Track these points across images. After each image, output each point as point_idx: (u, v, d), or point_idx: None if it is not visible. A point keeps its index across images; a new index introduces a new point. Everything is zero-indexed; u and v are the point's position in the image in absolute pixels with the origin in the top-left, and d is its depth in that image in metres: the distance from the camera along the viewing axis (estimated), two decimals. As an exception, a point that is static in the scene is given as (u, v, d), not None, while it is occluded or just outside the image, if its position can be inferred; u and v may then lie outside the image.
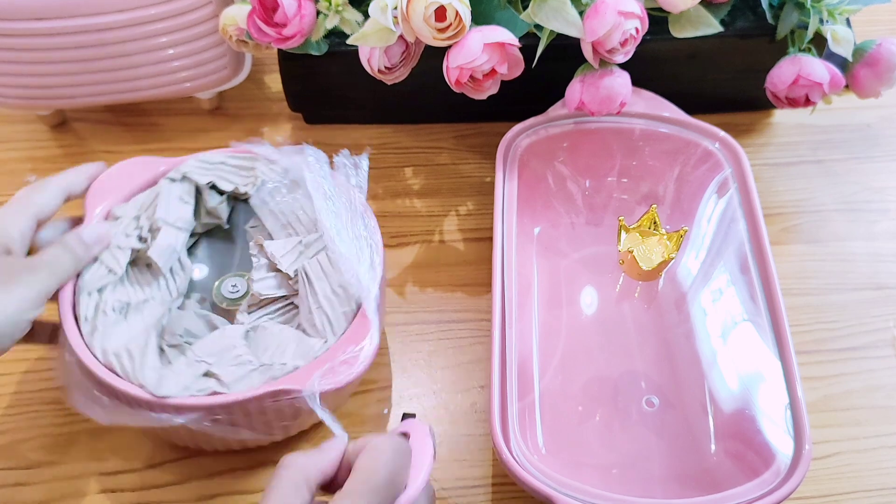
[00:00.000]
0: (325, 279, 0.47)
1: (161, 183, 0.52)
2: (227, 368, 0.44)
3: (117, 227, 0.49)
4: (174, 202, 0.51)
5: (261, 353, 0.45)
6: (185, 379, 0.43)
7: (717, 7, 0.57)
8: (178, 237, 0.50)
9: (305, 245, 0.49)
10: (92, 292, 0.46)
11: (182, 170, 0.52)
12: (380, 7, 0.50)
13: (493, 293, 0.50)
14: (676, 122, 0.59)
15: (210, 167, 0.52)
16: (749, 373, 0.49)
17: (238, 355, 0.44)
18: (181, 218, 0.51)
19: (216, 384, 0.43)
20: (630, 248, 0.54)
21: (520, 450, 0.44)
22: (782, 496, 0.42)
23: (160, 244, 0.49)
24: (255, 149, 0.53)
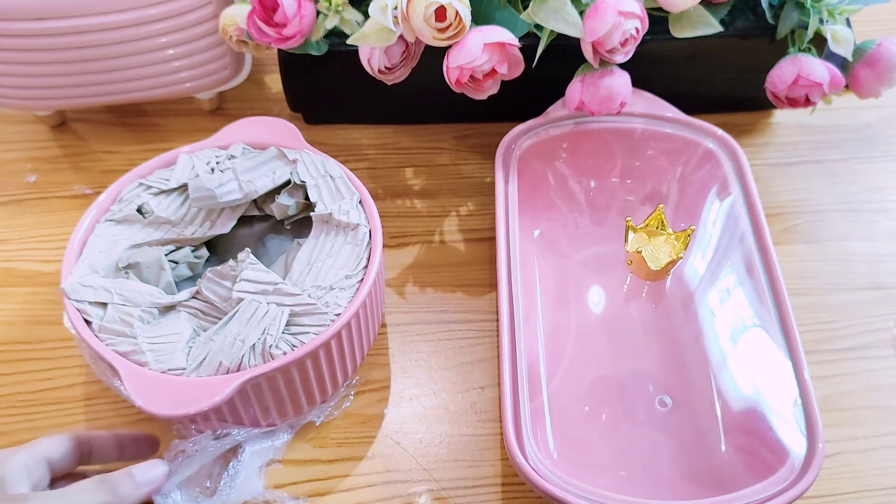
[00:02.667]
0: (243, 325, 0.45)
1: (270, 149, 0.53)
2: (115, 316, 0.45)
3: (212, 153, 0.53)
4: (263, 170, 0.52)
5: (152, 330, 0.45)
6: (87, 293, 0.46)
7: (717, 7, 0.57)
8: (231, 192, 0.51)
9: (277, 290, 0.46)
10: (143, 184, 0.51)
11: (298, 155, 0.52)
12: (380, 7, 0.50)
13: (499, 294, 0.50)
14: (676, 121, 0.59)
15: (320, 174, 0.52)
16: (758, 371, 0.49)
17: (130, 315, 0.45)
18: (251, 184, 0.51)
19: (97, 318, 0.45)
20: (638, 248, 0.54)
21: (533, 453, 0.44)
22: (797, 493, 0.42)
23: (203, 180, 0.50)
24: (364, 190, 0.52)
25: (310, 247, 0.49)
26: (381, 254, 0.49)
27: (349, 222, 0.49)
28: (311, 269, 0.48)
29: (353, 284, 0.47)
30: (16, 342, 0.54)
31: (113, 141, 0.66)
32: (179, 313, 0.47)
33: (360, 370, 0.53)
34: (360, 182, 0.52)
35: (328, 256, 0.49)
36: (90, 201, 0.62)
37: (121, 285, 0.47)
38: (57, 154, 0.65)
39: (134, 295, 0.46)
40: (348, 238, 0.49)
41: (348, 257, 0.48)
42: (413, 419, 0.51)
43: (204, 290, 0.47)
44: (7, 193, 0.63)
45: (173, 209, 0.51)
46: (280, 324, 0.45)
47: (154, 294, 0.47)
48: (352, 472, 0.49)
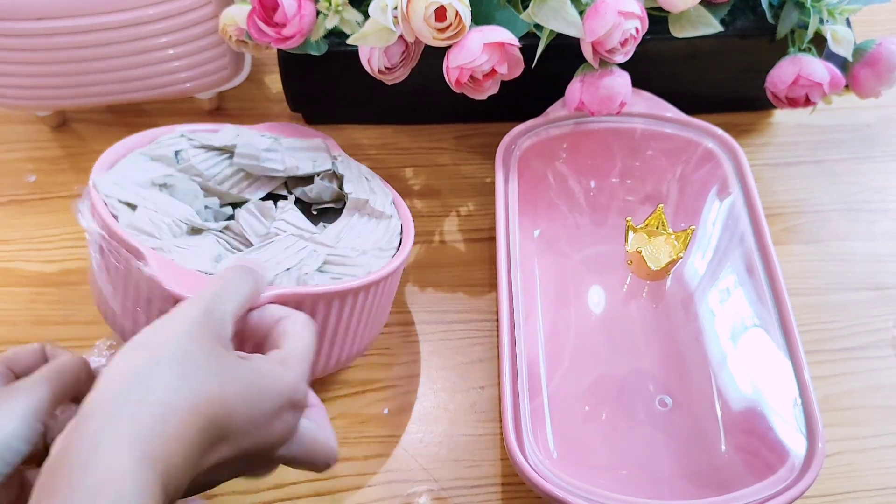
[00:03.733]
0: (280, 252, 0.45)
1: (317, 139, 0.54)
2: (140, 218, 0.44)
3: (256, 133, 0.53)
4: (306, 155, 0.52)
5: (179, 242, 0.44)
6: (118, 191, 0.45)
7: (717, 7, 0.57)
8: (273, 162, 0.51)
9: (312, 237, 0.46)
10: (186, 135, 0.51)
11: (337, 152, 0.54)
12: (380, 7, 0.50)
13: (499, 294, 0.50)
14: (676, 121, 0.59)
15: (357, 174, 0.53)
16: (758, 371, 0.49)
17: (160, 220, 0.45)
18: (293, 165, 0.52)
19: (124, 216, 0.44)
20: (638, 248, 0.54)
21: (533, 454, 0.44)
22: (797, 493, 0.42)
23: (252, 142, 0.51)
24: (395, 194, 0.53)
25: (340, 224, 0.49)
26: (412, 241, 0.50)
27: (383, 211, 0.50)
28: (341, 240, 0.48)
29: (386, 256, 0.47)
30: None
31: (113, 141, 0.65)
32: (208, 236, 0.46)
33: (360, 370, 0.53)
34: (392, 188, 0.54)
35: (358, 236, 0.48)
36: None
37: (154, 196, 0.46)
38: (57, 154, 0.65)
39: (167, 205, 0.45)
40: (380, 225, 0.50)
41: (381, 237, 0.49)
42: (413, 419, 0.51)
43: (241, 221, 0.47)
44: (7, 194, 0.63)
45: (209, 165, 0.51)
46: (316, 260, 0.44)
47: (187, 212, 0.46)
48: (351, 472, 0.49)
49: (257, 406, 0.33)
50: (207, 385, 0.31)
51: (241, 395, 0.32)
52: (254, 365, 0.34)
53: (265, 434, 0.33)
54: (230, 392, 0.32)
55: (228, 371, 0.32)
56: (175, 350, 0.32)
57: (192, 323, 0.33)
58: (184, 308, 0.34)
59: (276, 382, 0.34)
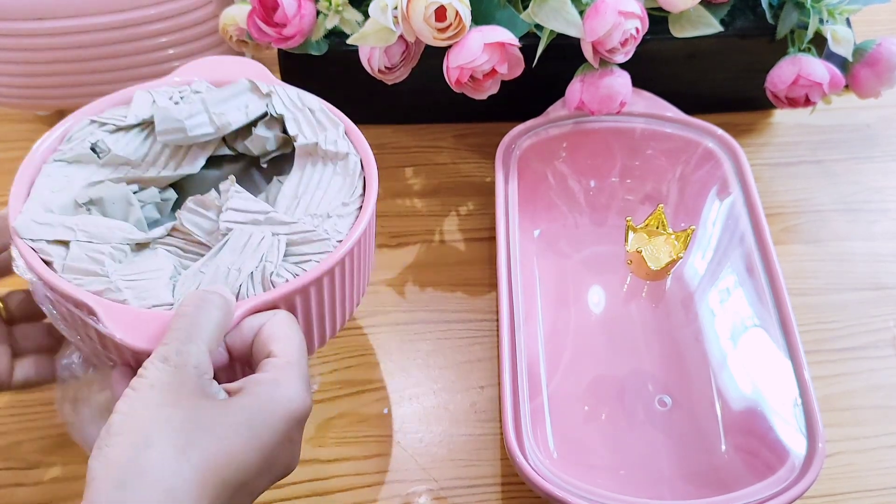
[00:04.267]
0: (236, 254, 0.40)
1: (241, 81, 0.47)
2: (81, 254, 0.39)
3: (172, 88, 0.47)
4: (235, 103, 0.46)
5: (126, 268, 0.40)
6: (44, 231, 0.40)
7: (717, 7, 0.57)
8: (200, 126, 0.45)
9: (268, 219, 0.41)
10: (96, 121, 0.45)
11: (273, 88, 0.47)
12: (380, 7, 0.50)
13: (499, 294, 0.50)
14: (676, 121, 0.59)
15: (298, 107, 0.47)
16: (758, 371, 0.49)
17: (101, 252, 0.40)
18: (223, 116, 0.46)
19: (59, 258, 0.39)
20: (638, 247, 0.54)
21: (533, 454, 0.44)
22: (797, 493, 0.42)
23: (170, 109, 0.45)
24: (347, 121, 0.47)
25: (294, 180, 0.44)
26: (377, 182, 0.45)
27: (337, 151, 0.45)
28: (300, 201, 0.43)
29: (351, 212, 0.43)
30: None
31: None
32: (156, 250, 0.41)
33: (360, 370, 0.53)
34: (342, 113, 0.48)
35: (317, 189, 0.44)
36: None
37: (84, 221, 0.41)
38: (57, 154, 0.65)
39: (101, 231, 0.40)
40: (338, 168, 0.45)
41: (341, 187, 0.44)
42: (413, 419, 0.51)
43: (184, 223, 0.42)
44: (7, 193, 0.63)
45: (133, 147, 0.45)
46: (279, 251, 0.40)
47: (125, 229, 0.41)
48: (351, 472, 0.49)
49: (265, 445, 0.31)
50: (207, 451, 0.30)
51: (245, 443, 0.31)
52: (247, 402, 0.32)
53: (279, 465, 0.33)
54: (233, 446, 0.30)
55: (223, 423, 0.31)
56: (159, 425, 0.30)
57: (166, 387, 0.31)
58: (151, 371, 0.32)
59: (275, 408, 0.32)
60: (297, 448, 0.34)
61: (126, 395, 0.31)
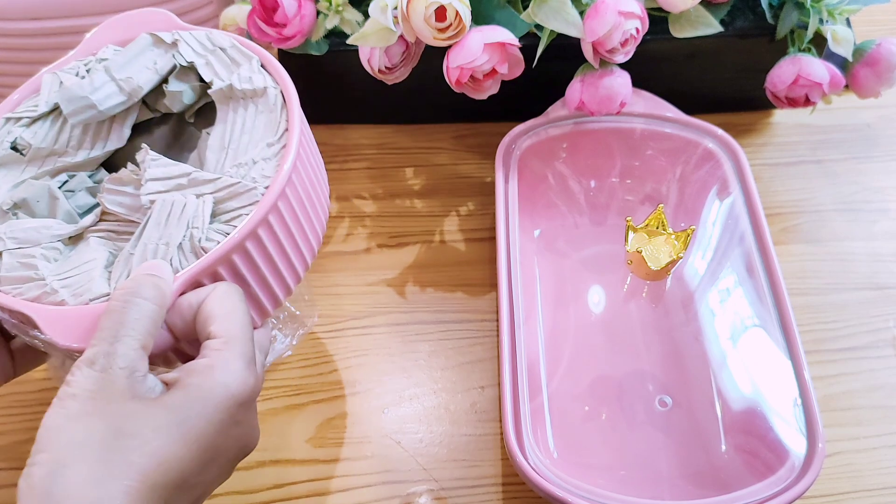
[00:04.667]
0: (162, 227, 0.38)
1: (141, 37, 0.44)
2: (14, 261, 0.38)
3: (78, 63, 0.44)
4: (142, 63, 0.43)
5: (61, 266, 0.38)
6: None
7: (716, 7, 0.57)
8: (111, 97, 0.42)
9: (191, 181, 0.39)
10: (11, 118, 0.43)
11: (179, 36, 0.44)
12: (380, 7, 0.50)
13: (499, 294, 0.50)
14: (676, 121, 0.59)
15: (208, 49, 0.44)
16: (758, 371, 0.49)
17: (31, 255, 0.38)
18: (131, 80, 0.43)
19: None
20: (638, 248, 0.54)
21: (533, 454, 0.44)
22: (797, 493, 0.42)
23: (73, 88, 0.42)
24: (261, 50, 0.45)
25: (219, 131, 0.42)
26: (299, 113, 0.42)
27: (254, 88, 0.42)
28: (228, 153, 0.41)
29: (276, 152, 0.41)
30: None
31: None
32: (88, 241, 0.40)
33: (359, 370, 0.53)
34: (257, 46, 0.45)
35: (242, 134, 0.42)
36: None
37: (11, 228, 0.39)
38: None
39: (28, 234, 0.39)
40: (259, 107, 0.42)
41: (265, 127, 0.42)
42: (413, 419, 0.51)
43: (107, 205, 0.40)
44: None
45: (52, 136, 0.43)
46: (204, 214, 0.38)
47: (52, 226, 0.40)
48: (351, 472, 0.49)
49: (200, 438, 0.30)
50: (132, 459, 0.29)
51: (175, 442, 0.30)
52: (177, 399, 0.31)
53: (227, 452, 0.32)
54: (161, 448, 0.29)
55: (150, 426, 0.30)
56: (77, 444, 0.29)
57: (89, 395, 0.30)
58: (77, 378, 0.31)
59: (209, 396, 0.31)
60: (248, 429, 0.33)
61: (52, 406, 0.31)
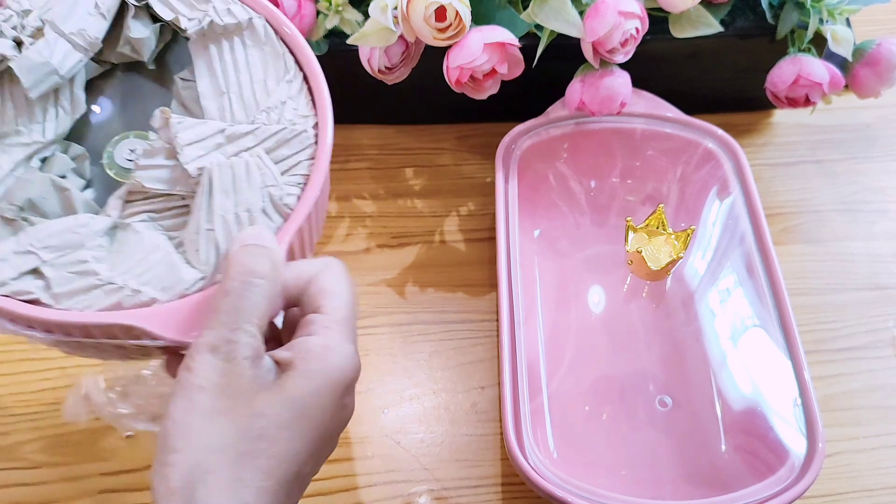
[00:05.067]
0: (232, 194, 0.35)
1: None
2: (63, 273, 0.33)
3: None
4: (83, 8, 0.37)
5: (118, 263, 0.34)
6: (2, 270, 0.33)
7: (717, 7, 0.57)
8: (67, 56, 0.37)
9: (229, 137, 0.36)
10: None
11: None
12: (380, 7, 0.50)
13: (499, 294, 0.50)
14: (676, 121, 0.59)
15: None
16: (758, 371, 0.49)
17: (83, 260, 0.34)
18: (85, 33, 0.37)
19: (40, 290, 0.33)
20: (638, 248, 0.54)
21: (533, 454, 0.44)
22: (797, 493, 0.42)
23: (32, 56, 0.36)
24: None
25: (205, 75, 0.38)
26: (303, 40, 0.40)
27: (238, 21, 0.38)
28: (230, 98, 0.37)
29: (298, 86, 0.38)
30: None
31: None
32: (133, 228, 0.35)
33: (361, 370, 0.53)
34: None
35: (239, 73, 0.38)
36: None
37: (35, 237, 0.34)
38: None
39: (64, 237, 0.34)
40: (248, 41, 0.38)
41: (264, 62, 0.38)
42: (413, 419, 0.51)
43: (146, 183, 0.36)
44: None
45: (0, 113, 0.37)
46: (271, 168, 0.36)
47: (88, 223, 0.35)
48: (352, 472, 0.49)
49: (318, 428, 0.31)
50: (262, 462, 0.29)
51: (302, 436, 0.30)
52: (304, 384, 0.31)
53: (333, 436, 0.32)
54: (288, 444, 0.30)
55: (279, 422, 0.30)
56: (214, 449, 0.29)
57: (217, 390, 0.30)
58: (200, 366, 0.30)
59: (327, 381, 0.31)
60: (350, 408, 0.33)
61: (177, 397, 0.30)
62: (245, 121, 0.37)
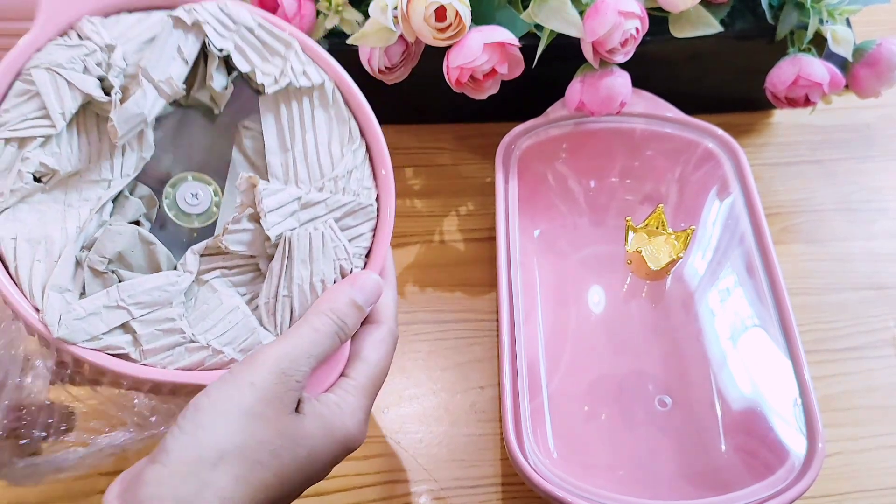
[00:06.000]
0: (308, 264, 0.37)
1: (161, 19, 0.39)
2: (152, 330, 0.35)
3: (75, 51, 0.37)
4: (168, 53, 0.38)
5: (198, 320, 0.36)
6: (94, 324, 0.34)
7: (717, 7, 0.57)
8: (154, 103, 0.37)
9: (303, 204, 0.37)
10: (12, 139, 0.35)
11: (197, 14, 0.39)
12: (380, 7, 0.50)
13: (499, 294, 0.50)
14: (676, 121, 0.59)
15: (233, 29, 0.39)
16: (758, 371, 0.49)
17: (170, 318, 0.35)
18: (170, 79, 0.38)
19: (129, 345, 0.35)
20: (638, 248, 0.54)
21: (533, 453, 0.44)
22: (797, 493, 0.42)
23: (130, 107, 0.36)
24: (293, 30, 0.41)
25: (273, 131, 0.39)
26: (369, 109, 0.41)
27: (312, 84, 0.39)
28: (295, 157, 0.39)
29: (361, 156, 0.39)
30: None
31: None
32: (210, 285, 0.37)
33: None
34: (286, 24, 0.41)
35: (304, 132, 0.39)
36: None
37: (126, 292, 0.35)
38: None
39: (153, 295, 0.36)
40: (316, 102, 0.40)
41: (329, 125, 0.40)
42: (413, 419, 0.51)
43: (231, 247, 0.37)
44: (7, 193, 0.63)
45: (74, 152, 0.37)
46: (341, 242, 0.38)
47: (176, 281, 0.36)
48: (352, 472, 0.49)
49: (313, 470, 0.34)
50: (267, 476, 0.31)
51: (300, 471, 0.33)
52: (314, 429, 0.33)
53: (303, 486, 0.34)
54: (290, 474, 0.32)
55: (289, 453, 0.32)
56: (235, 445, 0.31)
57: (262, 396, 0.32)
58: (257, 369, 0.32)
59: (333, 438, 0.34)
60: (325, 475, 0.36)
61: (224, 382, 0.32)
62: (307, 181, 0.39)
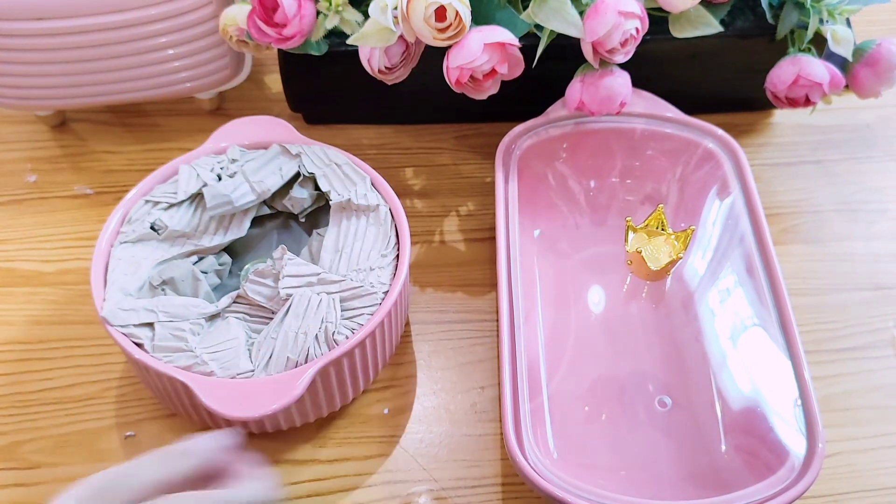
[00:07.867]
0: (300, 318, 0.45)
1: (273, 147, 0.53)
2: (166, 333, 0.45)
3: (212, 159, 0.53)
4: (270, 168, 0.52)
5: (205, 340, 0.46)
6: (130, 316, 0.46)
7: (717, 7, 0.57)
8: (245, 195, 0.51)
9: (320, 280, 0.47)
10: (150, 201, 0.51)
11: (300, 150, 0.53)
12: (380, 7, 0.50)
13: (499, 294, 0.50)
14: (676, 121, 0.59)
15: (326, 163, 0.53)
16: (758, 371, 0.49)
17: (182, 329, 0.45)
18: (262, 183, 0.51)
19: (147, 340, 0.45)
20: (638, 248, 0.54)
21: (533, 454, 0.44)
22: (797, 493, 0.42)
23: (220, 188, 0.51)
24: (370, 170, 0.53)
25: (333, 235, 0.50)
26: (408, 229, 0.50)
27: (368, 204, 0.50)
28: (341, 255, 0.49)
29: (389, 262, 0.49)
30: (15, 342, 0.54)
31: (113, 141, 0.66)
32: (226, 319, 0.47)
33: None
34: (366, 165, 0.53)
35: (355, 241, 0.49)
36: (90, 201, 0.62)
37: (162, 303, 0.47)
38: (57, 154, 0.65)
39: (179, 310, 0.46)
40: (370, 220, 0.50)
41: (375, 237, 0.50)
42: (413, 419, 0.51)
43: (249, 293, 0.47)
44: (7, 193, 0.63)
45: (185, 221, 0.51)
46: (336, 311, 0.46)
47: (199, 305, 0.47)
48: (351, 472, 0.49)
49: None
50: None
51: None
52: None
53: None
54: None
55: None
56: None
57: None
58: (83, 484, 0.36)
59: None
60: None
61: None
62: (345, 275, 0.48)
